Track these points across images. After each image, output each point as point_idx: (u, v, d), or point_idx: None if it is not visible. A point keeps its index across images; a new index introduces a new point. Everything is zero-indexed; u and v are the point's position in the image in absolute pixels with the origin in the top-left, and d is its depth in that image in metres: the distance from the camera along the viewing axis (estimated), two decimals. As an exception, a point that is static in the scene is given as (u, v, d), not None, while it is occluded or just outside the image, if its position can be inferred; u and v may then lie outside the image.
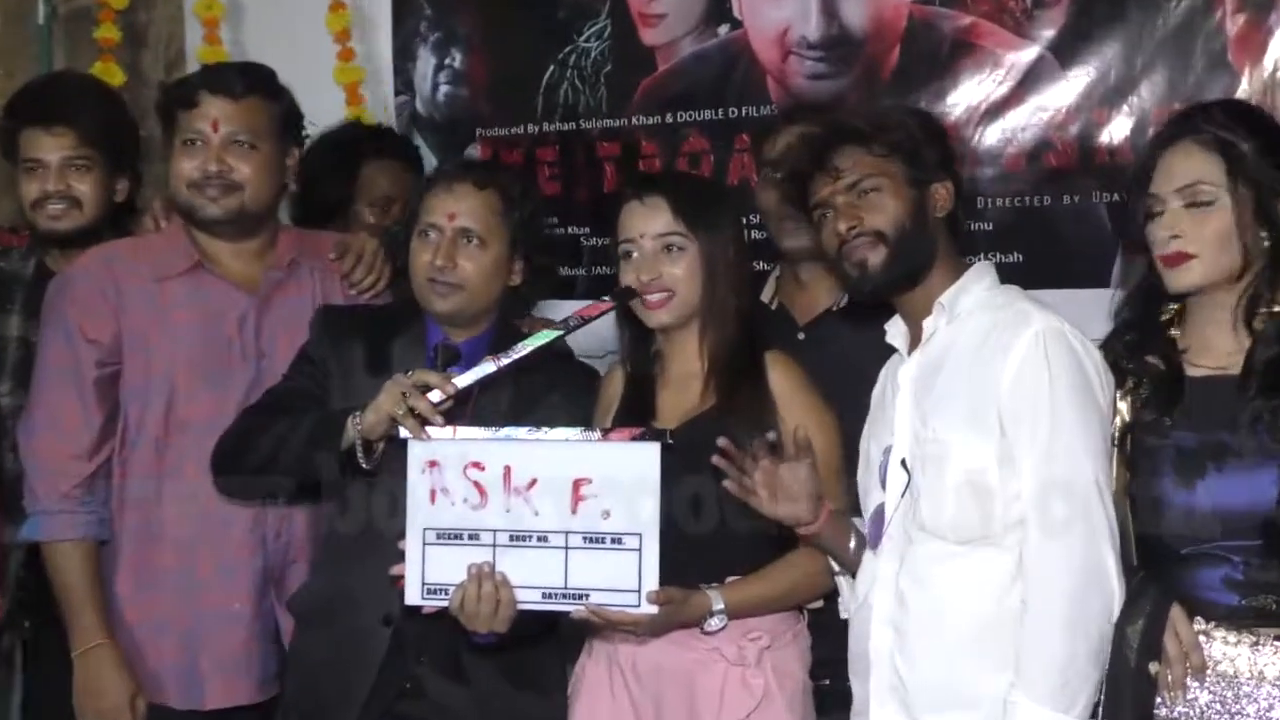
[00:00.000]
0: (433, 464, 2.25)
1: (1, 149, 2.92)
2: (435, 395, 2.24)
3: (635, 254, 2.37)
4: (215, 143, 2.58)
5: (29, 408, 2.64)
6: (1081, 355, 2.11)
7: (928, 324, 2.22)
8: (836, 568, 2.34)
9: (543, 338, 2.33)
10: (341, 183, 3.20)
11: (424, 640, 2.37)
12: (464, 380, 2.28)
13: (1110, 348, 2.21)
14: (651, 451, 2.18)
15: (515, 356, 2.30)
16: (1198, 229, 2.08)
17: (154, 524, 2.60)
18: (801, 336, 2.64)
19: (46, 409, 2.59)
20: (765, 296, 2.76)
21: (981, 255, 2.68)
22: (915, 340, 2.26)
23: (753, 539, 2.30)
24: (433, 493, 2.25)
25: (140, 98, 3.66)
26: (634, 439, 2.20)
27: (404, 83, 3.68)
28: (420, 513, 2.25)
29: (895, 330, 2.31)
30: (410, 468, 2.25)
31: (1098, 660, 2.04)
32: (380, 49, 3.68)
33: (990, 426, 2.10)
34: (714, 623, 2.27)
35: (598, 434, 2.25)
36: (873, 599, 2.21)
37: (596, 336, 2.61)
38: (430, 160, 3.55)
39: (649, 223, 2.37)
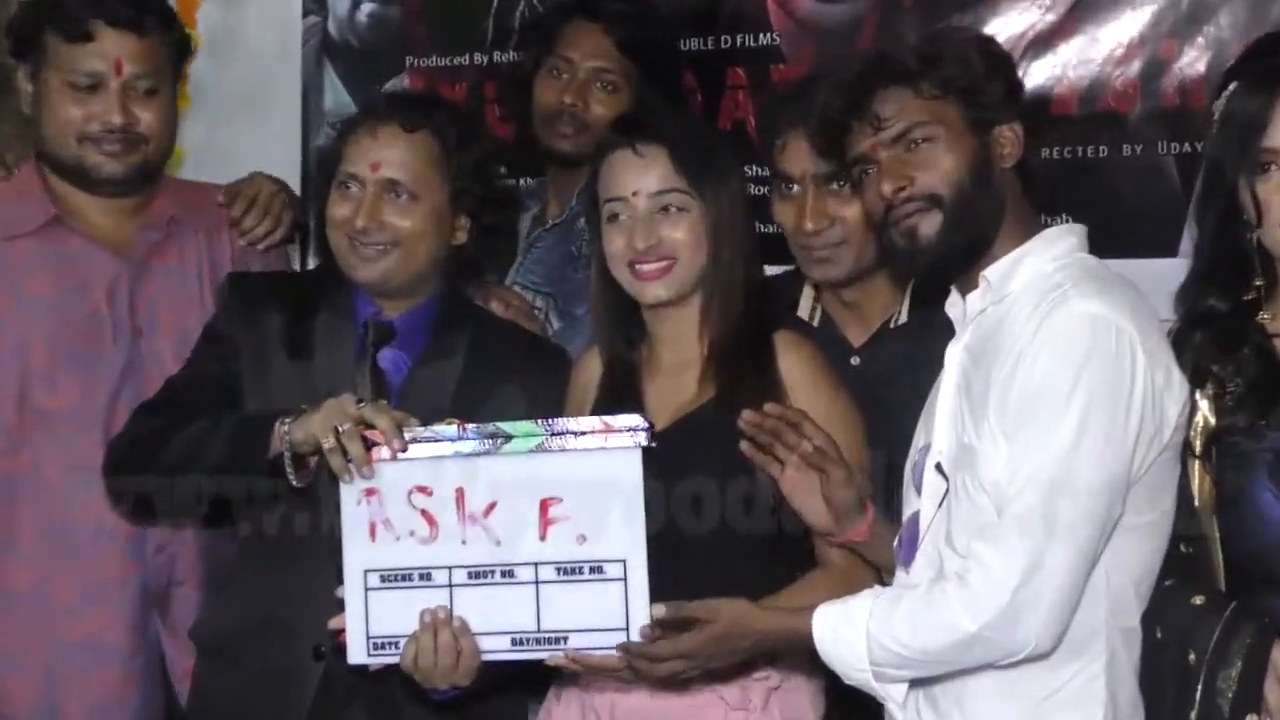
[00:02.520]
0: (370, 492, 2.22)
1: None
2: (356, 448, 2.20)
3: (625, 215, 2.34)
4: (115, 88, 2.56)
5: None
6: (1124, 354, 2.02)
7: (972, 300, 2.17)
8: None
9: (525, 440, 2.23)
10: None
11: (357, 680, 2.34)
12: (420, 448, 2.21)
13: (1184, 343, 2.17)
14: (632, 459, 2.15)
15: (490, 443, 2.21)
16: None
17: (4, 535, 2.58)
18: (856, 362, 2.58)
19: None
20: (803, 312, 2.69)
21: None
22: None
23: (762, 559, 2.30)
24: (372, 527, 2.22)
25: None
26: (612, 431, 2.16)
27: (315, 2, 3.68)
28: (359, 553, 2.22)
29: (954, 302, 2.24)
30: (344, 500, 2.23)
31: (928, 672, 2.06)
32: None
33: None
34: None
35: (569, 432, 2.19)
36: None
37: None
38: (342, 96, 3.58)
39: (644, 177, 2.34)
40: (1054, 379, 2.01)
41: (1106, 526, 2.02)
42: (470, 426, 2.21)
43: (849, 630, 2.07)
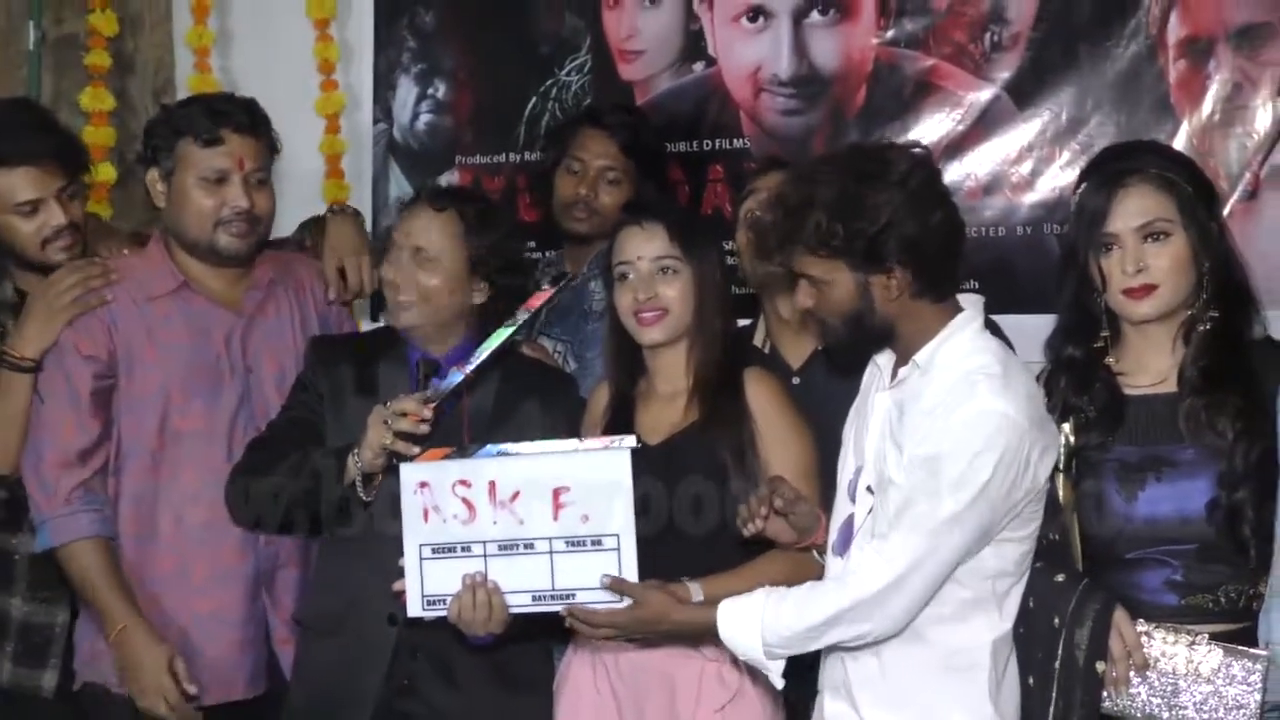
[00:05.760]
0: (423, 485, 2.28)
1: None
2: (405, 423, 2.28)
3: (631, 275, 2.40)
4: (239, 180, 2.59)
5: (30, 426, 2.60)
6: (1019, 449, 2.03)
7: (902, 372, 2.16)
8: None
9: (498, 336, 2.33)
10: None
11: (420, 639, 2.41)
12: (437, 395, 2.31)
13: (1053, 383, 2.25)
14: (622, 458, 2.20)
15: (479, 360, 2.32)
16: (1158, 261, 2.15)
17: (151, 531, 2.60)
18: (796, 381, 2.62)
19: (42, 423, 2.58)
20: (757, 341, 2.75)
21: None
22: (896, 368, 2.21)
23: (733, 544, 2.31)
24: (425, 511, 2.28)
25: (128, 122, 3.69)
26: (605, 448, 2.23)
27: (382, 110, 3.69)
28: (416, 531, 2.28)
29: (884, 355, 2.23)
30: (403, 490, 2.28)
31: (810, 648, 2.09)
32: (360, 78, 3.69)
33: None
34: None
35: (572, 445, 2.27)
36: None
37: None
38: (405, 186, 3.57)
39: (646, 246, 2.39)
40: (958, 456, 2.00)
41: (959, 560, 2.03)
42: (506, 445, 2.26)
43: (746, 621, 2.09)
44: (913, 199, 2.05)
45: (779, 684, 2.15)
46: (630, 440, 2.23)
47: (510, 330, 2.33)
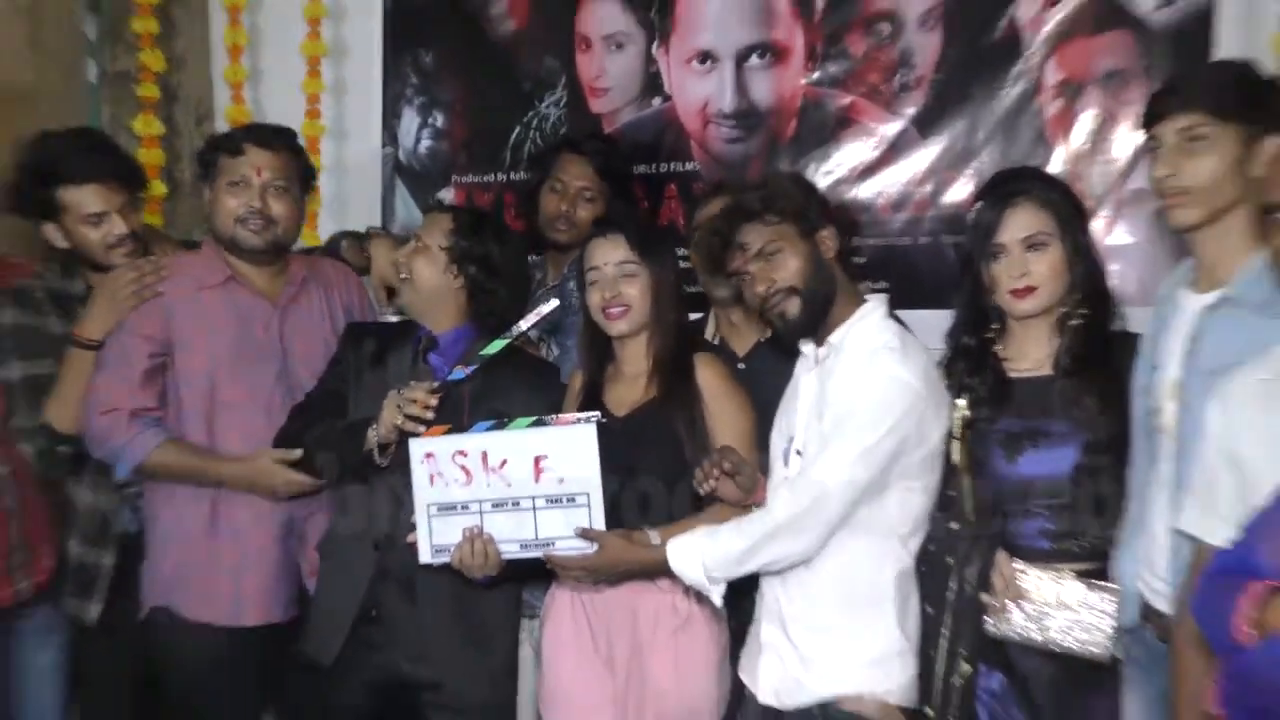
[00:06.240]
0: (429, 455, 2.29)
1: (16, 206, 2.72)
2: (414, 408, 2.29)
3: (598, 279, 2.39)
4: (257, 185, 2.59)
5: (90, 388, 2.57)
6: (913, 408, 2.08)
7: (821, 352, 2.21)
8: None
9: (495, 345, 2.36)
10: None
11: (392, 565, 2.41)
12: (442, 387, 2.33)
13: (952, 367, 2.26)
14: (589, 431, 2.21)
15: (474, 366, 2.36)
16: (1038, 267, 2.17)
17: (208, 489, 2.61)
18: (742, 366, 2.60)
19: (101, 381, 2.57)
20: (708, 335, 2.73)
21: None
22: (818, 356, 2.24)
23: (684, 498, 2.32)
24: (431, 477, 2.29)
25: (175, 146, 3.70)
26: (576, 423, 2.23)
27: (389, 137, 3.68)
28: (424, 493, 2.29)
29: (807, 345, 2.29)
30: (412, 460, 2.29)
31: (741, 572, 2.12)
32: (370, 108, 3.66)
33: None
34: None
35: (550, 420, 2.27)
36: None
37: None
38: (409, 202, 3.56)
39: (611, 254, 2.39)
40: (864, 410, 2.07)
41: (861, 496, 2.07)
42: (497, 422, 2.27)
43: (690, 553, 2.13)
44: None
45: (718, 602, 2.17)
46: (596, 415, 2.24)
47: (504, 341, 2.36)
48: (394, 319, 2.77)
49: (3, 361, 2.67)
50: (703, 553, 2.12)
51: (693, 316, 2.63)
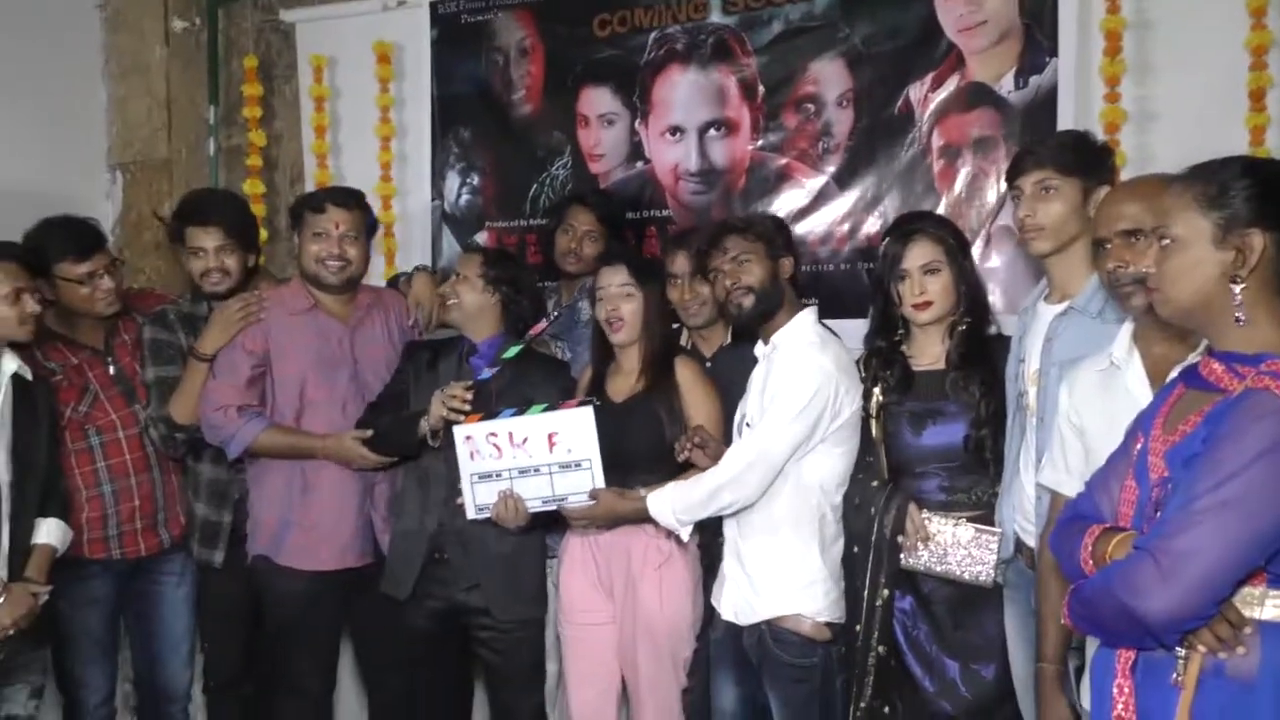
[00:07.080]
0: (468, 438, 2.29)
1: (170, 238, 2.72)
2: (455, 403, 2.30)
3: (604, 297, 2.38)
4: (335, 235, 2.56)
5: (204, 391, 2.55)
6: (828, 390, 2.08)
7: (762, 351, 2.23)
8: None
9: (514, 348, 2.38)
10: None
11: (454, 526, 2.42)
12: (475, 385, 2.32)
13: (869, 363, 2.26)
14: (589, 412, 2.21)
15: (497, 368, 2.34)
16: (933, 287, 2.17)
17: (298, 464, 2.58)
18: (709, 364, 2.57)
19: (214, 386, 2.55)
20: (683, 342, 2.67)
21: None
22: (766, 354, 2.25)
23: (668, 467, 2.30)
24: (471, 454, 2.29)
25: (274, 201, 3.63)
26: (578, 406, 2.22)
27: (437, 192, 3.60)
28: (466, 466, 2.30)
29: (759, 346, 2.30)
30: (456, 441, 2.30)
31: (702, 515, 2.13)
32: (422, 171, 3.57)
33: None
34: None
35: (559, 406, 2.25)
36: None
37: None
38: (453, 244, 3.50)
39: (614, 278, 2.37)
40: (792, 388, 2.10)
41: (791, 454, 2.09)
42: (517, 409, 2.28)
43: (662, 501, 2.18)
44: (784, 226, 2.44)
45: (685, 538, 2.20)
46: (593, 400, 2.24)
47: (519, 347, 2.37)
48: (441, 336, 2.73)
49: (143, 366, 2.65)
50: (672, 501, 2.13)
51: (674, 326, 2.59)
